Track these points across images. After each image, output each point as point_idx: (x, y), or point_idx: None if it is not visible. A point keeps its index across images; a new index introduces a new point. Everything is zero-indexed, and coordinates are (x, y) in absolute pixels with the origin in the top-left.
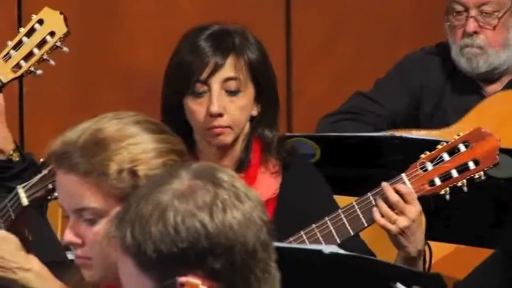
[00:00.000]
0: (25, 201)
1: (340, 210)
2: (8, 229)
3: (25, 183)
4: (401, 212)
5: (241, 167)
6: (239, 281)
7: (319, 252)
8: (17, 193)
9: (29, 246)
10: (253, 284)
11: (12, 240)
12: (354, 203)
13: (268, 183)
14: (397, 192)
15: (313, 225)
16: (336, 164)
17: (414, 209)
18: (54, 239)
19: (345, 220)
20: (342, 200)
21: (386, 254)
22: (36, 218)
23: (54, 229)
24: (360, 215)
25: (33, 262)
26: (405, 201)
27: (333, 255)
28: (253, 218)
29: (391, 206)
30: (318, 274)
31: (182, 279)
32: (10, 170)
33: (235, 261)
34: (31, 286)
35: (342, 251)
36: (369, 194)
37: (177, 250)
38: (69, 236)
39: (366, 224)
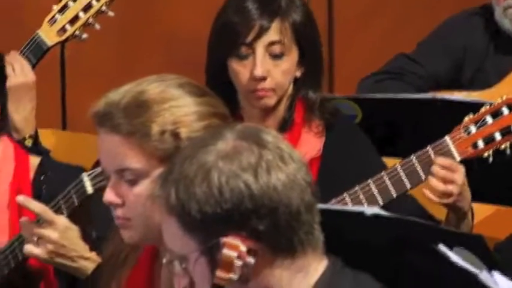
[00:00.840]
0: (90, 189)
1: (383, 172)
2: (70, 216)
3: (90, 171)
4: (450, 182)
5: (284, 126)
6: (282, 243)
7: (361, 213)
8: (81, 180)
9: (87, 234)
10: (296, 245)
11: (74, 229)
12: (398, 166)
13: (311, 143)
14: (442, 166)
15: (357, 187)
16: (377, 126)
17: (461, 175)
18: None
19: (388, 182)
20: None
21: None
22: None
23: None
24: (403, 177)
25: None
26: (451, 171)
27: (375, 216)
28: (297, 180)
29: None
30: (360, 236)
31: (225, 239)
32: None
33: (278, 223)
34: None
35: (383, 213)
36: (413, 156)
37: (221, 211)
38: (109, 196)
39: (409, 187)
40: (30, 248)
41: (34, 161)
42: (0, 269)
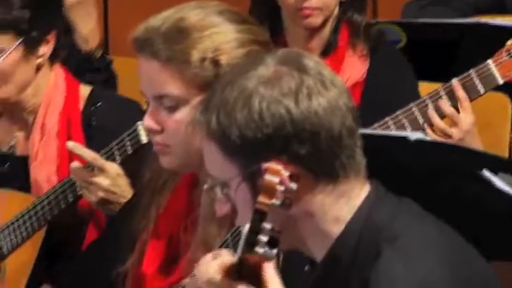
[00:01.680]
0: (144, 138)
1: (426, 96)
2: (122, 163)
3: None
4: (454, 124)
5: (328, 49)
6: (324, 168)
7: (405, 138)
8: (136, 129)
9: (136, 183)
10: (338, 170)
11: (125, 176)
12: (441, 89)
13: (355, 67)
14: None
15: (399, 112)
16: (421, 50)
17: (468, 119)
18: None
19: (430, 106)
20: (427, 87)
21: None
22: None
23: None
24: (447, 100)
25: None
26: (460, 107)
27: (419, 141)
28: (338, 105)
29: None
30: (403, 161)
31: (267, 164)
32: (89, 65)
33: (320, 147)
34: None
35: (427, 138)
36: (455, 80)
37: (262, 136)
38: (149, 122)
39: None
40: (83, 191)
41: (85, 90)
42: (50, 209)
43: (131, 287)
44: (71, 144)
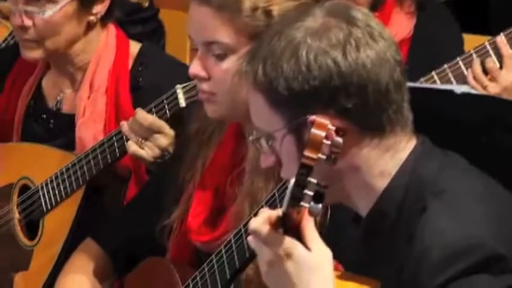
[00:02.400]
0: (182, 102)
1: (472, 50)
2: None
3: (185, 84)
4: (493, 79)
5: (376, 5)
6: (371, 121)
7: (451, 92)
8: (175, 92)
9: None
10: (385, 124)
11: None
12: (486, 43)
13: (402, 23)
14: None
15: (445, 66)
16: (468, 4)
17: (509, 76)
18: None
19: (476, 60)
20: (472, 40)
21: None
22: None
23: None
24: (492, 55)
25: None
26: (503, 63)
27: (465, 95)
28: (386, 58)
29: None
30: (449, 114)
31: (312, 117)
32: (136, 14)
33: (367, 101)
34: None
35: (473, 91)
36: (502, 34)
37: (309, 88)
38: (196, 69)
39: (498, 64)
40: (135, 149)
41: (134, 48)
42: (89, 169)
43: (176, 240)
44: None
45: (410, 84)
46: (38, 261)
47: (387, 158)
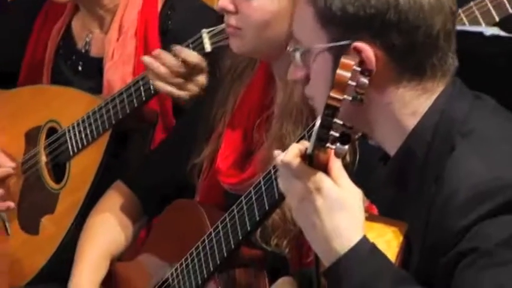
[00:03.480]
0: (208, 47)
1: None
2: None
3: (211, 28)
4: None
5: None
6: (413, 63)
7: (480, 34)
8: (201, 37)
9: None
10: (426, 68)
11: None
12: None
13: None
14: None
15: (471, 3)
16: None
17: None
18: None
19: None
20: None
21: None
22: None
23: None
24: None
25: None
26: None
27: (494, 37)
28: (444, 5)
29: None
30: (479, 56)
31: (357, 44)
32: None
33: (415, 42)
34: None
35: (502, 33)
36: None
37: (363, 15)
38: (225, 2)
39: None
40: (170, 89)
41: None
42: (116, 113)
43: (206, 181)
44: (176, 47)
45: None
46: (64, 204)
47: (422, 100)
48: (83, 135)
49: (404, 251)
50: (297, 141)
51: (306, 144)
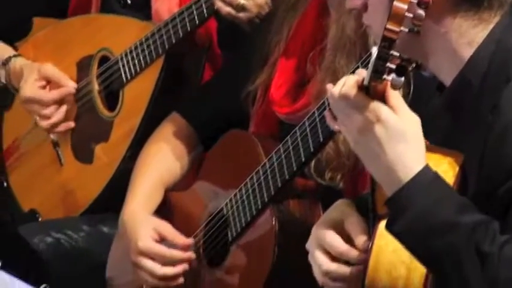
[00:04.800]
0: None
1: None
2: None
3: None
4: None
5: None
6: None
7: None
8: None
9: None
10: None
11: None
12: None
13: None
14: None
15: None
16: None
17: None
18: None
19: None
20: None
21: None
22: None
23: None
24: None
25: None
26: None
27: None
28: None
29: None
30: None
31: None
32: None
33: None
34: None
35: None
36: None
37: None
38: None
39: None
40: (229, 9)
41: None
42: (169, 37)
43: (260, 111)
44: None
45: None
46: (118, 132)
47: (478, 30)
48: (136, 62)
49: (460, 182)
50: (352, 70)
51: (362, 75)
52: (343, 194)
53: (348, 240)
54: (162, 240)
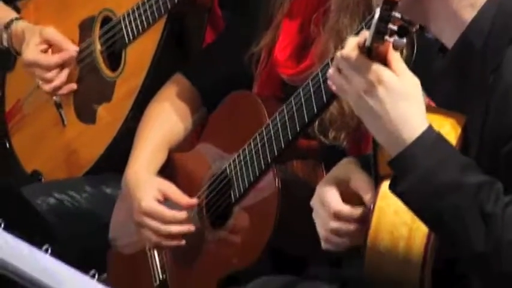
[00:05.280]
0: None
1: None
2: None
3: None
4: None
5: None
6: None
7: None
8: None
9: None
10: None
11: None
12: None
13: None
14: None
15: None
16: None
17: None
18: None
19: None
20: None
21: None
22: None
23: None
24: None
25: None
26: None
27: None
28: None
29: None
30: None
31: None
32: None
33: None
34: None
35: None
36: None
37: None
38: None
39: None
40: None
41: None
42: None
43: (264, 72)
44: None
45: None
46: (121, 92)
47: None
48: (138, 22)
49: (462, 143)
50: (355, 33)
51: (363, 36)
52: (347, 154)
53: (353, 197)
54: (165, 200)
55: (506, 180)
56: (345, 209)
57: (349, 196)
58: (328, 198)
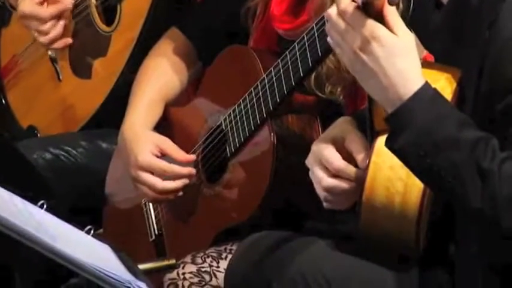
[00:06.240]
0: None
1: None
2: None
3: None
4: None
5: None
6: None
7: None
8: None
9: None
10: None
11: None
12: None
13: None
14: None
15: None
16: None
17: None
18: None
19: None
20: None
21: None
22: None
23: None
24: None
25: None
26: None
27: None
28: None
29: None
30: None
31: None
32: None
33: None
34: None
35: None
36: None
37: None
38: None
39: None
40: None
41: None
42: None
43: (260, 25)
44: None
45: None
46: (116, 47)
47: None
48: None
49: (457, 98)
50: None
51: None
52: (343, 108)
53: (348, 157)
54: (162, 155)
55: (502, 136)
56: (349, 167)
57: (344, 156)
58: (327, 156)
